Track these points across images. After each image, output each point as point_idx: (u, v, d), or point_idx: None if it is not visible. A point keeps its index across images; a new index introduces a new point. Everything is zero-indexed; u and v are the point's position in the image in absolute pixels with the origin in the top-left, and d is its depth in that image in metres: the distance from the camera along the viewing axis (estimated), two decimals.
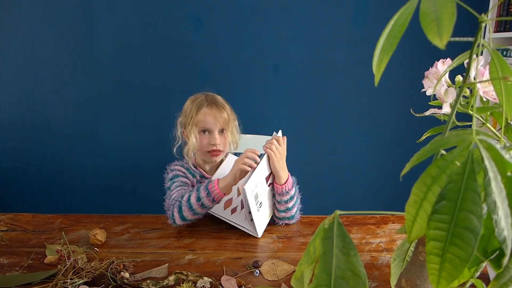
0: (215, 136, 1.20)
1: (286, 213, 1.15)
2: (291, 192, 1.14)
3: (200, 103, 1.22)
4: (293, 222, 1.19)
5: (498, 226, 0.33)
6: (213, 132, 1.20)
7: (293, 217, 1.17)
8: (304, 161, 2.14)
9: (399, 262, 0.61)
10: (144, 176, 2.15)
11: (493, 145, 0.36)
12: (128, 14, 1.99)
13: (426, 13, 0.34)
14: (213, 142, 1.20)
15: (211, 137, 1.20)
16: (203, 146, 1.21)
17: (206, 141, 1.20)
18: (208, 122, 1.19)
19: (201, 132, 1.21)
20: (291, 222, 1.18)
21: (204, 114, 1.19)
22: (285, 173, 1.13)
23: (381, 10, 1.98)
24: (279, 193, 1.13)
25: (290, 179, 1.15)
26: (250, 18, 2.00)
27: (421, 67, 0.74)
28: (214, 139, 1.19)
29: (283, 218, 1.17)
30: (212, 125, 1.20)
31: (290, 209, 1.15)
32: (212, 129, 1.20)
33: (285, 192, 1.13)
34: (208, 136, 1.21)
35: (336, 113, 2.14)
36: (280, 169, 1.11)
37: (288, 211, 1.15)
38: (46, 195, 2.23)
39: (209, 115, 1.19)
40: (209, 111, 1.19)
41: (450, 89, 0.55)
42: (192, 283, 0.85)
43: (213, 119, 1.19)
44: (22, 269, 0.93)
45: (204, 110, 1.19)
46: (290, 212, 1.16)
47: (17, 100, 2.11)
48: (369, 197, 2.29)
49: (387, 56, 0.39)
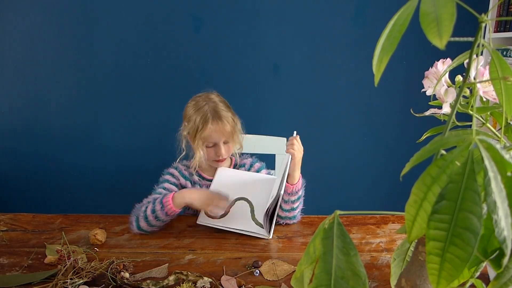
0: (220, 149, 1.23)
1: (289, 212, 1.16)
2: (299, 193, 1.17)
3: (204, 117, 1.21)
4: (293, 222, 1.19)
5: (498, 226, 0.33)
6: (218, 145, 1.23)
7: (294, 217, 1.18)
8: (304, 161, 2.14)
9: (399, 262, 0.61)
10: (144, 176, 2.14)
11: (493, 145, 0.36)
12: (128, 14, 1.98)
13: (426, 13, 0.34)
14: (219, 153, 1.23)
15: (217, 149, 1.23)
16: (210, 158, 1.25)
17: (212, 154, 1.24)
18: (214, 137, 1.22)
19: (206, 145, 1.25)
20: (291, 222, 1.19)
21: (210, 131, 1.20)
22: (299, 173, 1.17)
23: (381, 10, 1.98)
24: (288, 193, 1.15)
25: (301, 180, 1.17)
26: (250, 18, 2.00)
27: (421, 67, 0.74)
28: (219, 151, 1.23)
29: (285, 218, 1.17)
30: (217, 139, 1.22)
31: (294, 209, 1.16)
32: (218, 142, 1.23)
33: (294, 192, 1.15)
34: (214, 148, 1.24)
35: (336, 113, 2.14)
36: (297, 169, 1.15)
37: (292, 211, 1.16)
38: (46, 195, 2.23)
39: (215, 132, 1.21)
40: (214, 128, 1.20)
41: (450, 89, 0.55)
42: (192, 283, 0.85)
43: (218, 135, 1.21)
44: (22, 269, 0.93)
45: (209, 127, 1.21)
46: (293, 212, 1.17)
47: (17, 100, 2.10)
48: (369, 197, 2.29)
49: (387, 56, 0.39)
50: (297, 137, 1.17)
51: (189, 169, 1.29)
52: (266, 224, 1.09)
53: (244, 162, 1.35)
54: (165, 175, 1.28)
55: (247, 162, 1.35)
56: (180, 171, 1.29)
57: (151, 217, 1.09)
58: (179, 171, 1.29)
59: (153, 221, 1.09)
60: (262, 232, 1.10)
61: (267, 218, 1.07)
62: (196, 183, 1.28)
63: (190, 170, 1.29)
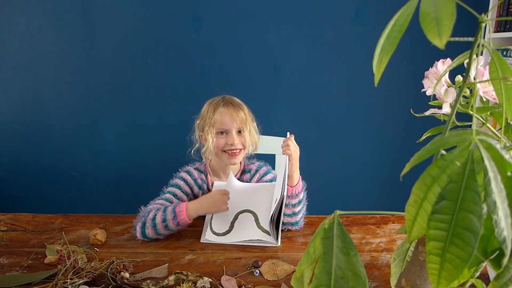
0: (232, 136, 1.17)
1: (291, 217, 1.12)
2: (300, 196, 1.12)
3: (216, 104, 1.20)
4: (295, 229, 1.15)
5: (498, 226, 0.33)
6: (231, 132, 1.17)
7: (297, 223, 1.14)
8: (304, 161, 2.14)
9: (399, 262, 0.61)
10: (144, 176, 2.15)
11: (493, 145, 0.36)
12: (128, 14, 1.99)
13: (426, 13, 0.34)
14: (231, 141, 1.16)
15: (229, 137, 1.17)
16: (221, 146, 1.18)
17: (224, 141, 1.17)
18: (225, 122, 1.17)
19: (218, 133, 1.18)
20: (293, 229, 1.15)
21: (221, 114, 1.17)
22: (298, 174, 1.13)
23: (381, 10, 1.98)
24: (288, 195, 1.10)
25: (300, 182, 1.14)
26: (250, 18, 2.00)
27: (421, 67, 0.74)
28: (232, 139, 1.16)
29: (287, 223, 1.13)
30: (229, 125, 1.17)
31: (296, 214, 1.12)
32: (230, 129, 1.17)
33: (295, 195, 1.11)
34: (225, 136, 1.18)
35: (336, 113, 2.14)
36: (296, 169, 1.11)
37: (294, 216, 1.12)
38: (46, 195, 2.23)
39: (225, 115, 1.17)
40: (226, 111, 1.17)
41: (450, 89, 0.55)
42: (192, 283, 0.85)
43: (230, 118, 1.16)
44: (22, 269, 0.93)
45: (220, 110, 1.17)
46: (296, 217, 1.13)
47: (17, 100, 2.11)
48: (369, 197, 2.29)
49: (387, 56, 0.39)
50: (291, 137, 1.12)
51: (201, 174, 1.25)
52: (272, 231, 1.05)
53: (250, 167, 1.29)
54: (177, 179, 1.23)
55: (253, 167, 1.29)
56: (194, 179, 1.23)
57: (160, 225, 1.05)
58: (193, 179, 1.23)
59: (162, 229, 1.06)
60: (269, 239, 1.06)
61: (273, 225, 1.04)
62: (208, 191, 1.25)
63: (202, 175, 1.25)
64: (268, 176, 1.28)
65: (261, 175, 1.28)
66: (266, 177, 1.28)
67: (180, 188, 1.20)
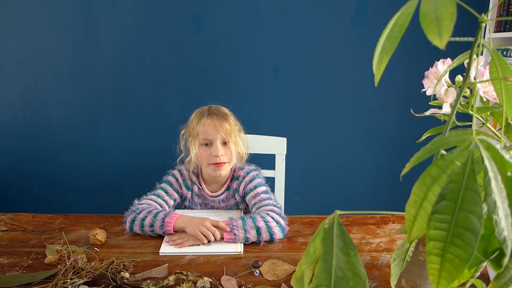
0: (217, 147, 1.15)
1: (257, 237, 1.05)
2: (253, 235, 1.04)
3: (201, 114, 1.19)
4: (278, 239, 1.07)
5: (498, 226, 0.33)
6: (215, 143, 1.15)
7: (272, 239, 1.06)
8: (304, 161, 2.14)
9: (399, 262, 0.61)
10: (144, 176, 2.14)
11: (493, 145, 0.36)
12: (128, 14, 1.99)
13: (426, 13, 0.34)
14: (215, 153, 1.14)
15: (213, 148, 1.15)
16: (206, 158, 1.16)
17: (208, 153, 1.15)
18: (208, 133, 1.15)
19: (203, 145, 1.17)
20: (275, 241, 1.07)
21: (204, 125, 1.15)
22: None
23: (381, 10, 1.98)
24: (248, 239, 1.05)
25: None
26: (250, 18, 2.00)
27: (421, 67, 0.74)
28: (216, 150, 1.14)
29: (258, 241, 1.06)
30: (213, 136, 1.15)
31: (260, 235, 1.04)
32: (213, 140, 1.15)
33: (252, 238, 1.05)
34: (209, 148, 1.16)
35: (336, 113, 2.14)
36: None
37: (259, 236, 1.04)
38: (46, 195, 2.23)
39: (208, 125, 1.15)
40: (209, 121, 1.15)
41: (450, 89, 0.55)
42: (192, 283, 0.85)
43: (214, 129, 1.15)
44: (22, 269, 0.93)
45: (204, 121, 1.16)
46: (261, 237, 1.05)
47: (17, 100, 2.11)
48: (369, 197, 2.29)
49: (387, 56, 0.39)
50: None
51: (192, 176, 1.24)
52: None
53: (239, 174, 1.24)
54: (169, 175, 1.24)
55: (241, 173, 1.23)
56: (184, 179, 1.24)
57: (147, 228, 1.07)
58: (183, 179, 1.24)
59: (148, 231, 1.08)
60: (231, 249, 1.02)
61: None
62: (195, 194, 1.25)
63: (193, 177, 1.24)
64: (254, 182, 1.21)
65: (250, 178, 1.21)
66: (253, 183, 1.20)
67: (172, 186, 1.23)
